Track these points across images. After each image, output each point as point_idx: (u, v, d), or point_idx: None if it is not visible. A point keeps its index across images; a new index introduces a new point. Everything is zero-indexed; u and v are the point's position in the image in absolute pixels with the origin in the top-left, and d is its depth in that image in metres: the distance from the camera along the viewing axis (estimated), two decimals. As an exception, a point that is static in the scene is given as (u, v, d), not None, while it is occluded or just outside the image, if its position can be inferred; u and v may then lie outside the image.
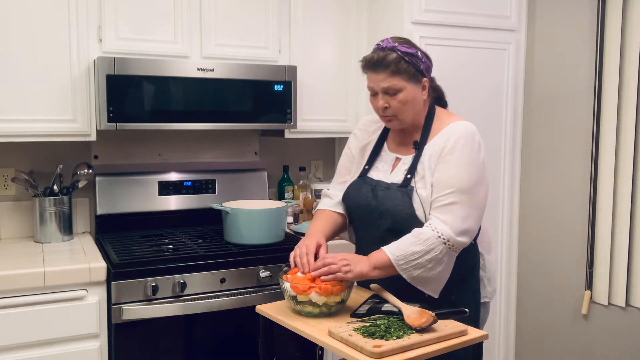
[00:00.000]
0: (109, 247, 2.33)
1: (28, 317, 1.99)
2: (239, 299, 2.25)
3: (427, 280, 1.70)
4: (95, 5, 2.31)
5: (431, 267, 1.67)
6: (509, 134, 2.84)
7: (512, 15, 2.78)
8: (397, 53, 1.73)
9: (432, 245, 1.66)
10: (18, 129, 2.22)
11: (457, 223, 1.68)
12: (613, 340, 2.67)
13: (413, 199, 1.74)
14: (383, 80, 1.74)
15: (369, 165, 1.90)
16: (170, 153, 2.81)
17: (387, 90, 1.75)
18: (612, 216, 2.61)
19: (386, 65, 1.73)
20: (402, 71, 1.73)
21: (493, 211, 2.82)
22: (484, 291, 1.87)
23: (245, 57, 2.56)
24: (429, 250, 1.66)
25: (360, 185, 1.87)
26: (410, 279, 1.69)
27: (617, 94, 2.56)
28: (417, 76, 1.76)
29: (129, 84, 2.28)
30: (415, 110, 1.79)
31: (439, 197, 1.71)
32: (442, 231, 1.67)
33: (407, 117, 1.79)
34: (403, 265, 1.66)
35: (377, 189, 1.82)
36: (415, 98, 1.77)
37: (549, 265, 2.89)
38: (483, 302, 1.87)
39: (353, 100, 2.82)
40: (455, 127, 1.78)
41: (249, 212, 2.39)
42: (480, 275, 1.86)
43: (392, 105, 1.76)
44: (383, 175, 1.85)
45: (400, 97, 1.75)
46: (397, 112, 1.77)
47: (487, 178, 1.79)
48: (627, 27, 2.53)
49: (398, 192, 1.77)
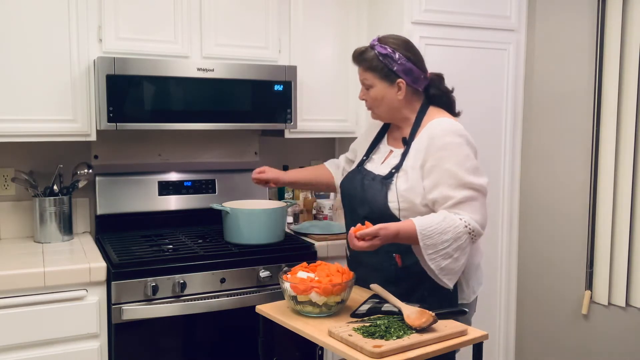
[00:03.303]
0: (109, 247, 2.33)
1: (28, 317, 1.99)
2: (239, 299, 2.25)
3: (452, 271, 1.75)
4: (95, 5, 2.31)
5: (457, 257, 1.74)
6: (509, 134, 2.84)
7: (512, 15, 2.78)
8: (374, 52, 1.87)
9: (460, 234, 1.72)
10: (18, 129, 2.22)
11: (477, 215, 1.76)
12: (613, 340, 2.67)
13: (389, 191, 1.83)
14: (361, 74, 1.92)
15: (366, 156, 2.03)
16: (170, 153, 2.81)
17: (363, 83, 1.92)
18: (612, 216, 2.61)
19: (362, 60, 1.90)
20: (374, 69, 1.87)
21: (493, 211, 2.82)
22: (462, 293, 1.88)
23: (245, 57, 2.56)
24: (456, 239, 1.72)
25: (355, 174, 2.00)
26: (437, 270, 1.73)
27: (617, 94, 2.56)
28: (390, 76, 1.86)
29: (129, 84, 2.28)
30: (388, 107, 1.91)
31: (450, 195, 1.75)
32: (469, 221, 1.74)
33: (382, 112, 1.94)
34: (428, 243, 1.70)
35: (365, 178, 1.93)
36: (386, 97, 1.88)
37: (549, 265, 2.89)
38: (462, 303, 1.88)
39: (353, 100, 2.81)
40: (437, 123, 1.83)
41: (249, 212, 2.39)
42: (459, 279, 1.85)
43: (367, 99, 1.93)
44: (375, 167, 1.96)
45: (371, 93, 1.90)
46: (371, 105, 1.94)
47: (483, 170, 1.84)
48: (627, 27, 2.53)
49: (378, 184, 1.87)
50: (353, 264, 2.00)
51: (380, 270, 1.87)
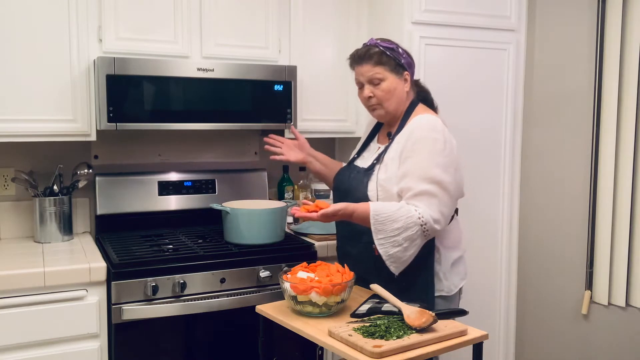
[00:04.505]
0: (109, 247, 2.33)
1: (28, 317, 1.99)
2: (239, 299, 2.25)
3: (400, 259, 1.80)
4: (95, 5, 2.31)
5: (406, 246, 1.78)
6: (509, 134, 2.83)
7: (512, 15, 2.78)
8: (379, 47, 1.95)
9: (411, 224, 1.76)
10: (18, 129, 2.22)
11: (432, 209, 1.79)
12: (613, 340, 2.67)
13: (370, 181, 1.93)
14: (368, 71, 1.95)
15: (358, 154, 2.13)
16: (170, 153, 2.81)
17: (371, 80, 1.95)
18: (612, 216, 2.62)
19: (370, 57, 1.95)
20: (384, 62, 1.94)
21: (493, 211, 2.82)
22: (441, 284, 1.94)
23: (245, 57, 2.56)
24: (407, 228, 1.76)
25: (344, 171, 2.12)
26: (385, 256, 1.79)
27: (617, 94, 2.56)
28: (398, 69, 1.96)
29: (129, 84, 2.28)
30: (397, 100, 1.96)
31: (411, 186, 1.81)
32: (423, 214, 1.77)
33: (390, 106, 1.97)
34: (379, 228, 1.77)
35: (352, 172, 2.04)
36: (397, 89, 1.96)
37: (549, 265, 2.90)
38: (442, 295, 1.94)
39: (353, 100, 2.81)
40: (418, 120, 1.91)
41: (249, 212, 2.39)
42: (435, 268, 1.93)
43: (376, 94, 1.96)
44: (364, 163, 2.04)
45: (383, 86, 1.94)
46: (381, 100, 1.96)
47: (458, 168, 1.89)
48: (627, 27, 2.53)
49: (361, 175, 1.98)
50: (342, 258, 2.09)
51: (362, 261, 1.94)
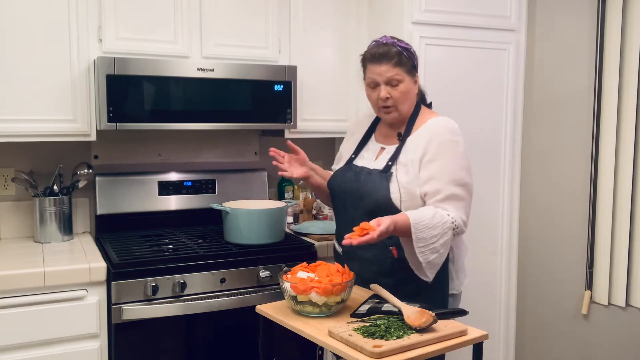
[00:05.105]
0: (109, 247, 2.33)
1: (28, 317, 1.99)
2: (239, 299, 2.25)
3: (437, 265, 1.80)
4: (95, 6, 2.31)
5: (442, 252, 1.78)
6: (509, 133, 2.83)
7: (512, 15, 2.78)
8: (397, 48, 1.89)
9: (446, 229, 1.77)
10: (18, 129, 2.22)
11: (461, 212, 1.82)
12: (613, 340, 2.67)
13: (391, 183, 1.86)
14: (387, 71, 1.87)
15: (355, 154, 2.05)
16: (170, 153, 2.81)
17: (389, 81, 1.88)
18: (612, 216, 2.62)
19: (390, 57, 1.87)
20: (403, 64, 1.88)
21: (493, 211, 2.82)
22: (452, 283, 1.96)
23: (245, 57, 2.56)
24: (443, 234, 1.77)
25: (345, 171, 2.01)
26: (425, 263, 1.77)
27: (617, 94, 2.56)
28: (412, 71, 1.93)
29: (129, 84, 2.28)
30: (410, 102, 1.94)
31: (439, 189, 1.81)
32: (455, 218, 1.79)
33: (404, 108, 1.93)
34: (420, 237, 1.73)
35: (361, 174, 1.95)
36: (411, 91, 1.92)
37: (549, 265, 2.89)
38: (452, 293, 1.96)
39: (353, 100, 2.81)
40: (436, 123, 1.91)
41: (249, 212, 2.39)
42: (449, 268, 1.94)
43: (393, 96, 1.89)
44: (367, 163, 1.98)
45: (401, 88, 1.89)
46: (397, 102, 1.90)
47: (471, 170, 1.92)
48: (627, 27, 2.53)
49: (378, 177, 1.90)
50: (345, 259, 2.00)
51: (376, 264, 1.91)
